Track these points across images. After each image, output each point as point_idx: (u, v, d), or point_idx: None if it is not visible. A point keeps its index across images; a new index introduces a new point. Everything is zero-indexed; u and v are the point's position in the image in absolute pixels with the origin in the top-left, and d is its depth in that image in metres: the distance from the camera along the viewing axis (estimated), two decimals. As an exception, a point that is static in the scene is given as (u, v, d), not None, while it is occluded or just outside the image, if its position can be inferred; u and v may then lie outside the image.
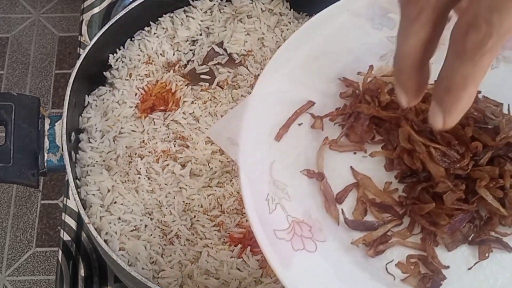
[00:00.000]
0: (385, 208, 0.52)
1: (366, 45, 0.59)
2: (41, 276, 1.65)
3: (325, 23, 0.58)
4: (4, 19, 2.02)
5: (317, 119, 0.56)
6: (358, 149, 0.55)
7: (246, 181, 0.51)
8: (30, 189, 1.73)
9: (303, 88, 0.57)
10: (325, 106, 0.57)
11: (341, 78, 0.58)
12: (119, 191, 0.72)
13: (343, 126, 0.56)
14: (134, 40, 0.82)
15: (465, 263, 0.50)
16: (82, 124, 0.77)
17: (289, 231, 0.50)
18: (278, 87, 0.56)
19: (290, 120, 0.55)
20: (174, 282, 0.68)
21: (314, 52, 0.58)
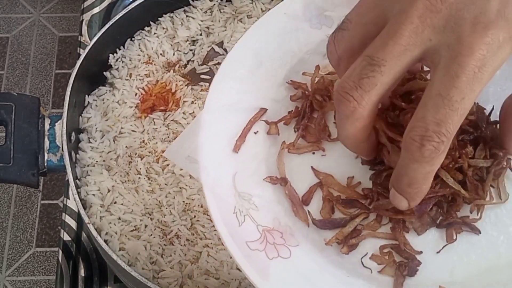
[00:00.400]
0: (351, 203, 0.53)
1: (308, 46, 0.59)
2: (41, 276, 1.65)
3: (265, 29, 0.59)
4: (4, 19, 2.02)
5: (271, 125, 0.56)
6: (316, 148, 0.56)
7: (211, 197, 0.51)
8: (30, 189, 1.73)
9: (253, 97, 0.57)
10: (278, 111, 0.57)
11: (289, 81, 0.58)
12: (119, 191, 0.72)
13: (298, 129, 0.56)
14: (134, 40, 0.82)
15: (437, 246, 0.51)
16: (82, 124, 0.77)
17: (261, 241, 0.50)
18: (228, 99, 0.56)
19: (246, 130, 0.55)
20: (174, 282, 0.68)
21: (258, 59, 0.58)
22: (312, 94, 0.57)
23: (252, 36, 0.59)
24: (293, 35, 0.59)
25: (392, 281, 0.50)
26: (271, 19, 0.59)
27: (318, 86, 0.58)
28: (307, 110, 0.56)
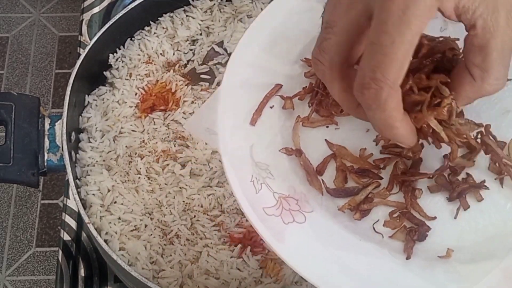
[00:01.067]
0: (363, 173, 0.55)
1: (320, 25, 0.62)
2: (41, 276, 1.65)
3: (279, 10, 0.62)
4: (4, 19, 2.02)
5: (287, 100, 0.58)
6: (329, 122, 0.58)
7: (230, 166, 0.53)
8: (30, 189, 1.73)
9: (269, 73, 0.60)
10: (292, 88, 0.60)
11: (303, 59, 0.61)
12: (119, 191, 0.72)
13: (312, 103, 0.59)
14: (134, 40, 0.82)
15: (446, 212, 0.53)
16: (82, 124, 0.77)
17: (277, 207, 0.53)
18: (246, 76, 0.58)
19: (262, 104, 0.58)
20: (174, 282, 0.68)
21: (274, 38, 0.60)
22: None
23: (267, 16, 0.61)
24: (305, 15, 0.61)
25: (402, 246, 0.52)
26: (284, 1, 0.62)
27: None
28: (320, 86, 0.58)
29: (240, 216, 0.71)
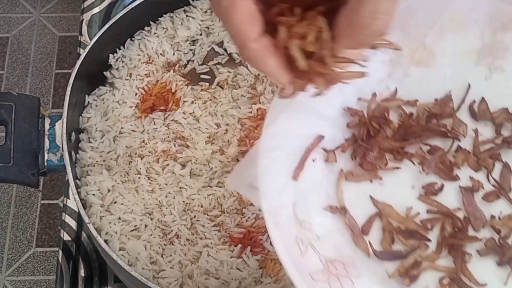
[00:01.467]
0: (410, 234, 0.53)
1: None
2: (41, 276, 1.65)
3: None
4: (4, 19, 2.02)
5: (329, 153, 0.57)
6: (373, 177, 0.56)
7: (273, 225, 0.51)
8: (30, 189, 1.73)
9: (310, 123, 0.57)
10: (334, 138, 0.58)
11: (345, 108, 0.59)
12: (119, 191, 0.72)
13: (355, 156, 0.57)
14: (134, 40, 0.82)
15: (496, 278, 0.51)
16: (82, 124, 0.77)
17: (324, 272, 0.50)
18: (286, 126, 0.56)
19: (304, 157, 0.56)
20: (174, 282, 0.68)
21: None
22: (369, 121, 0.58)
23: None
24: None
25: None
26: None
27: (374, 113, 0.58)
28: (364, 137, 0.57)
29: (240, 216, 0.71)
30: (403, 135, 0.58)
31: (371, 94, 0.60)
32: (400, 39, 0.57)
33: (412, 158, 0.58)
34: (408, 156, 0.58)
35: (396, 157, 0.58)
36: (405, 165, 0.58)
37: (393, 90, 0.61)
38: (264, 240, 0.69)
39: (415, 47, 0.61)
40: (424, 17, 0.60)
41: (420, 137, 0.58)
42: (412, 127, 0.59)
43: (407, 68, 0.61)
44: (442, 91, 0.61)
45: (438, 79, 0.61)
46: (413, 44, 0.61)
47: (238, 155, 0.74)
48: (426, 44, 0.61)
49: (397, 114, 0.60)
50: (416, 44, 0.61)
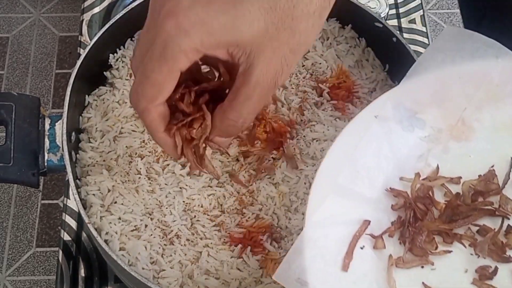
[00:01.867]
0: None
1: (401, 150, 0.60)
2: (41, 276, 1.65)
3: (357, 134, 0.59)
4: (4, 19, 2.02)
5: (377, 239, 0.56)
6: (424, 262, 0.55)
7: None
8: (30, 189, 1.73)
9: (354, 208, 0.57)
10: (380, 222, 0.57)
11: (388, 189, 0.58)
12: (119, 191, 0.72)
13: (404, 241, 0.56)
14: (134, 40, 0.82)
15: None
16: (82, 124, 0.77)
17: None
18: (329, 213, 0.55)
19: (351, 245, 0.55)
20: (174, 282, 0.68)
21: (355, 167, 0.58)
22: (414, 202, 0.57)
23: (344, 143, 0.58)
24: (385, 139, 0.59)
25: None
26: (361, 123, 0.59)
27: (418, 194, 0.58)
28: (411, 220, 0.56)
29: (240, 216, 0.71)
30: (450, 215, 0.57)
31: (412, 173, 0.59)
32: (438, 115, 0.58)
33: (462, 240, 0.57)
34: (458, 238, 0.57)
35: (446, 240, 0.57)
36: (455, 247, 0.57)
37: (434, 167, 0.60)
38: (264, 240, 0.69)
39: (453, 121, 0.61)
40: (461, 91, 0.60)
41: (468, 217, 0.57)
42: (459, 207, 0.58)
43: (447, 143, 0.61)
44: (484, 166, 0.60)
45: (479, 153, 0.61)
46: (452, 119, 0.61)
47: (238, 155, 0.74)
48: (465, 118, 0.61)
49: (441, 192, 0.59)
50: (455, 119, 0.61)
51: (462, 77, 0.60)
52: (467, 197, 0.58)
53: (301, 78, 0.78)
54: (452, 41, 0.59)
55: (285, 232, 0.70)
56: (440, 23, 1.98)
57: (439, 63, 0.59)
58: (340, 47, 0.81)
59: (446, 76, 0.59)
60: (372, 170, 0.59)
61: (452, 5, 2.01)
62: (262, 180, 0.72)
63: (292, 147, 0.74)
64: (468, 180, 0.59)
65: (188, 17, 0.44)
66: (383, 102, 0.59)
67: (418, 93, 0.60)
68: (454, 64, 0.59)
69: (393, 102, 0.59)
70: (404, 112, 0.60)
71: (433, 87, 0.60)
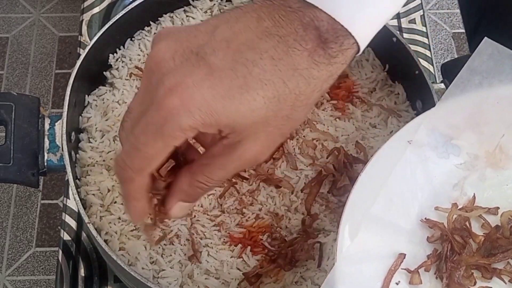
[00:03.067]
0: None
1: (436, 177, 0.58)
2: (41, 276, 1.64)
3: (390, 160, 0.56)
4: (4, 19, 2.02)
5: (413, 274, 0.54)
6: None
7: None
8: (30, 189, 1.73)
9: (388, 240, 0.55)
10: (415, 255, 0.55)
11: (423, 220, 0.56)
12: (119, 191, 0.72)
13: (441, 276, 0.54)
14: (134, 40, 0.82)
15: None
16: (82, 124, 0.77)
17: None
18: (362, 246, 0.53)
19: (387, 281, 0.53)
20: (174, 282, 0.68)
21: (389, 195, 0.55)
22: (451, 235, 0.55)
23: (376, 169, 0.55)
24: (419, 166, 0.57)
25: None
26: (394, 149, 0.56)
27: (456, 225, 0.56)
28: (448, 253, 0.54)
29: (240, 216, 0.71)
30: (489, 249, 0.56)
31: (448, 202, 0.58)
32: (474, 141, 0.56)
33: (502, 275, 0.55)
34: (497, 273, 0.55)
35: (485, 275, 0.55)
36: (495, 283, 0.55)
37: (470, 196, 0.58)
38: (264, 240, 0.69)
39: (491, 148, 0.59)
40: (499, 116, 0.58)
41: (508, 251, 0.55)
42: (498, 240, 0.56)
43: (483, 171, 0.59)
44: None
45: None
46: (489, 146, 0.59)
47: (238, 155, 0.74)
48: (502, 145, 0.59)
49: (478, 223, 0.58)
50: (492, 146, 0.59)
51: (501, 102, 0.57)
52: (506, 230, 0.57)
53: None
54: (491, 61, 0.56)
55: (285, 232, 0.70)
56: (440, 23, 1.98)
57: (476, 86, 0.56)
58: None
59: (483, 100, 0.57)
60: (406, 199, 0.57)
61: (452, 5, 2.01)
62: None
63: (292, 147, 0.74)
64: (506, 211, 0.58)
65: (193, 98, 0.44)
66: (416, 126, 0.57)
67: (453, 117, 0.58)
68: (492, 87, 0.57)
69: (427, 126, 0.57)
70: (439, 137, 0.58)
71: (469, 111, 0.57)
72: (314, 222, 0.69)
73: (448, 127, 0.58)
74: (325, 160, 0.73)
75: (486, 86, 0.57)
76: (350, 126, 0.75)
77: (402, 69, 0.74)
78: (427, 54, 0.98)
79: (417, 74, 0.73)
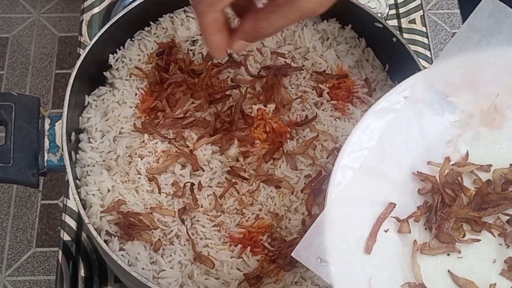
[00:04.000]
0: None
1: (431, 133, 0.59)
2: (41, 276, 1.65)
3: (386, 115, 0.57)
4: (4, 19, 2.02)
5: (403, 223, 0.54)
6: (451, 250, 0.54)
7: None
8: (30, 189, 1.73)
9: (379, 189, 0.55)
10: (406, 206, 0.56)
11: (415, 173, 0.57)
12: (119, 191, 0.72)
13: (430, 226, 0.55)
14: (134, 40, 0.82)
15: None
16: (82, 124, 0.77)
17: None
18: (354, 192, 0.54)
19: (375, 228, 0.54)
20: (174, 282, 0.68)
21: (381, 146, 0.56)
22: (443, 188, 0.56)
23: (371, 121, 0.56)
24: (414, 121, 0.58)
25: None
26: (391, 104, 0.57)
27: (447, 179, 0.56)
28: (438, 205, 0.55)
29: (240, 216, 0.71)
30: (480, 203, 0.56)
31: (441, 158, 0.58)
32: (469, 100, 0.57)
33: (491, 229, 0.56)
34: (487, 227, 0.55)
35: (474, 228, 0.55)
36: (484, 236, 0.55)
37: (464, 153, 0.59)
38: (264, 241, 0.69)
39: (485, 107, 0.59)
40: (495, 76, 0.58)
41: (499, 206, 0.56)
42: (489, 195, 0.56)
43: (478, 130, 0.59)
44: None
45: (511, 141, 0.59)
46: (484, 104, 0.59)
47: (238, 155, 0.74)
48: (497, 104, 0.59)
49: (470, 179, 0.58)
50: (487, 105, 0.59)
51: (497, 62, 0.58)
52: (498, 186, 0.57)
53: (301, 78, 0.78)
54: (491, 19, 0.57)
55: (285, 232, 0.70)
56: (440, 23, 1.97)
57: (474, 44, 0.57)
58: (340, 47, 0.81)
59: (481, 60, 0.57)
60: (400, 151, 0.57)
61: (452, 5, 2.01)
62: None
63: (292, 147, 0.74)
64: (499, 168, 0.58)
65: None
66: (413, 83, 0.57)
67: (450, 76, 0.58)
68: (490, 47, 0.57)
69: (424, 83, 0.58)
70: (435, 95, 0.59)
71: (466, 70, 0.58)
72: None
73: (445, 85, 0.59)
74: (325, 160, 0.73)
75: (485, 45, 0.57)
76: (350, 126, 0.75)
77: (402, 69, 0.74)
78: (427, 54, 0.98)
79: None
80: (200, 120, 0.74)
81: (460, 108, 0.59)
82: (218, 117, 0.74)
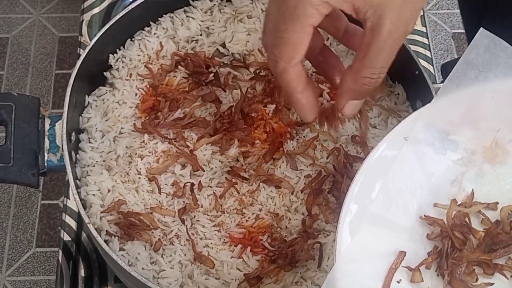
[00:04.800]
0: None
1: (434, 174, 0.58)
2: (41, 276, 1.65)
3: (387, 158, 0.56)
4: (4, 19, 2.02)
5: (414, 272, 0.53)
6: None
7: None
8: (30, 189, 1.73)
9: (388, 238, 0.54)
10: (416, 252, 0.55)
11: (422, 217, 0.56)
12: (119, 191, 0.72)
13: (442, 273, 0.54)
14: (134, 40, 0.82)
15: None
16: (82, 124, 0.77)
17: None
18: (363, 245, 0.53)
19: (388, 280, 0.53)
20: (174, 282, 0.68)
21: (388, 193, 0.55)
22: (451, 231, 0.55)
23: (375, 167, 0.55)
24: (417, 163, 0.57)
25: None
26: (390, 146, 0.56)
27: (455, 222, 0.56)
28: (448, 250, 0.54)
29: (240, 216, 0.71)
30: (490, 245, 0.55)
31: (446, 198, 0.57)
32: (470, 136, 0.56)
33: (504, 270, 0.55)
34: (498, 269, 0.55)
35: (486, 271, 0.55)
36: (497, 279, 0.55)
37: (469, 192, 0.58)
38: (264, 241, 0.69)
39: (487, 143, 0.59)
40: (494, 111, 0.58)
41: (509, 246, 0.55)
42: (499, 235, 0.55)
43: (481, 167, 0.59)
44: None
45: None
46: (485, 140, 0.59)
47: (238, 156, 0.74)
48: (498, 140, 0.58)
49: (477, 219, 0.57)
50: (489, 140, 0.58)
51: (496, 96, 0.57)
52: (506, 224, 0.56)
53: (301, 78, 0.78)
54: (487, 54, 0.56)
55: (285, 232, 0.70)
56: (440, 23, 1.98)
57: (472, 80, 0.56)
58: (340, 47, 0.81)
59: (479, 95, 0.56)
60: (405, 196, 0.56)
61: (452, 5, 2.01)
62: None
63: (292, 147, 0.74)
64: (506, 206, 0.57)
65: None
66: (412, 122, 0.57)
67: (449, 113, 0.57)
68: (488, 81, 0.56)
69: (423, 122, 0.57)
70: (436, 133, 0.58)
71: (465, 106, 0.57)
72: (314, 222, 0.69)
73: (445, 123, 0.58)
74: (325, 160, 0.73)
75: (482, 80, 0.56)
76: (350, 126, 0.75)
77: (402, 69, 0.73)
78: (427, 54, 0.98)
79: (417, 74, 0.73)
80: (200, 120, 0.74)
81: (462, 145, 0.58)
82: (218, 117, 0.74)
